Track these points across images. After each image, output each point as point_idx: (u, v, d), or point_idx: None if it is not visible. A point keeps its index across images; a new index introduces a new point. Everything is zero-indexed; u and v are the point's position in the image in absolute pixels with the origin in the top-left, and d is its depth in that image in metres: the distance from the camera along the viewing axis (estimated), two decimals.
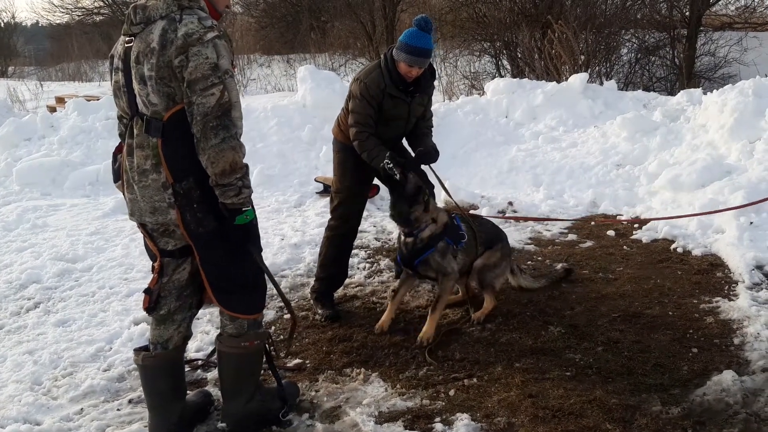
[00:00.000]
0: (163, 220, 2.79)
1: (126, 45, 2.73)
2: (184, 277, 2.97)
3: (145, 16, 2.66)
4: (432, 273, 3.88)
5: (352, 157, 4.05)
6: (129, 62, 2.70)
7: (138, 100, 2.72)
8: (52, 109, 11.21)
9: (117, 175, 2.95)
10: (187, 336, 3.10)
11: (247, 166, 2.72)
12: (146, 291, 2.96)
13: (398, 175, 3.75)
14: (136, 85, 2.69)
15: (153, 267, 2.98)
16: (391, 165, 3.75)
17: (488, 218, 4.74)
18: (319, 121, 8.13)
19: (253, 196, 2.82)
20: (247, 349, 2.99)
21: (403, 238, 3.92)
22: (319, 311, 4.20)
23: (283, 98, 9.40)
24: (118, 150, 2.93)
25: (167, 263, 2.93)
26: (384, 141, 3.97)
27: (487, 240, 4.11)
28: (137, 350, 3.06)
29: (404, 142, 4.34)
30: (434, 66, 4.29)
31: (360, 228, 5.82)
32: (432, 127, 4.30)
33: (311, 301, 4.33)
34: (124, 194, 2.91)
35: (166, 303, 2.97)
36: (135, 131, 2.76)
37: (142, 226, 2.91)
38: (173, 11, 2.65)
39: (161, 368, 3.02)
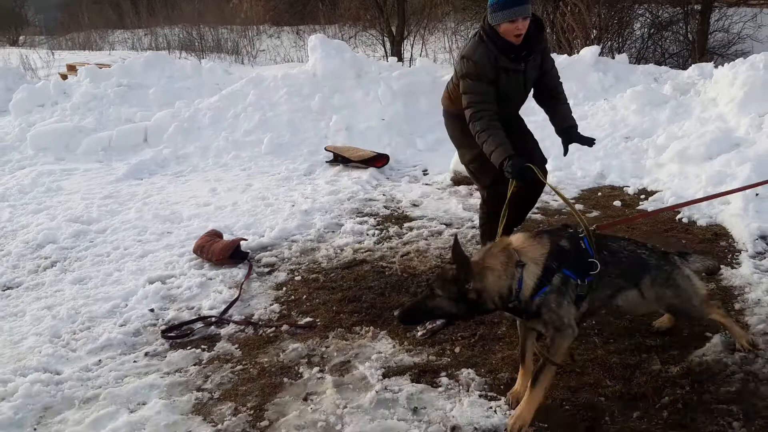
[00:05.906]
0: None
1: None
2: None
3: None
4: (540, 326, 2.76)
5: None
6: None
7: None
8: (64, 77, 11.29)
9: None
10: None
11: None
12: None
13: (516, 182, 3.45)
14: None
15: None
16: (510, 171, 3.46)
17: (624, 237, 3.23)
18: (329, 90, 8.15)
19: (263, 164, 2.81)
20: None
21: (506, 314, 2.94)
22: None
23: (293, 68, 9.41)
24: None
25: None
26: (501, 118, 3.74)
27: (624, 272, 2.88)
28: None
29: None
30: (538, 16, 3.79)
31: (369, 196, 5.93)
32: (561, 83, 4.00)
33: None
34: None
35: None
36: None
37: None
38: None
39: None
